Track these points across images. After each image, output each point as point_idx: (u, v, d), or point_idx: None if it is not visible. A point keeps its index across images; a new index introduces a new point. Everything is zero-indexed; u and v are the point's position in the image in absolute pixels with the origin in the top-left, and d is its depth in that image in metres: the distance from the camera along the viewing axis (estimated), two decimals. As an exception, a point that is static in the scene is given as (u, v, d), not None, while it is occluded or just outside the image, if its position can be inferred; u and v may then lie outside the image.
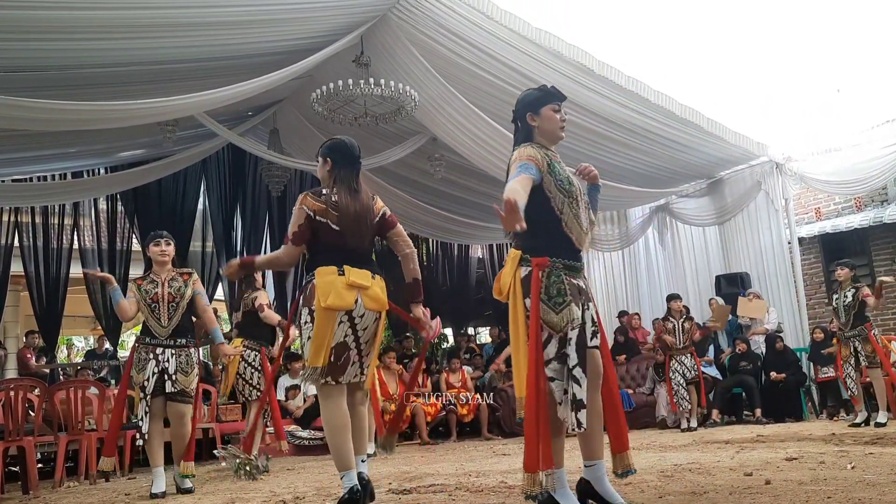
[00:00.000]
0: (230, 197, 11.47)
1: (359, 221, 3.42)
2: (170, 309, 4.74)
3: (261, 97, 8.05)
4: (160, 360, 4.68)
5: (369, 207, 3.49)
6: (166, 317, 4.73)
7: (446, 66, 7.30)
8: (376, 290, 3.40)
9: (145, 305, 4.73)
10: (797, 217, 10.73)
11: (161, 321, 4.72)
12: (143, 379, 4.65)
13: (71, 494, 5.16)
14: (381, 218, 3.53)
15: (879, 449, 4.82)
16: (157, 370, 4.66)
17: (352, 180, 3.51)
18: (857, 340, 7.06)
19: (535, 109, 3.08)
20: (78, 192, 9.65)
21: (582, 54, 7.32)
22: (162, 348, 4.70)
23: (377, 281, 3.43)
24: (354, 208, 3.42)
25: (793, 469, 4.00)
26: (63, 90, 6.48)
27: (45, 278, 10.04)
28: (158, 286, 4.76)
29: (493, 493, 3.74)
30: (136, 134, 8.40)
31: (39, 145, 8.23)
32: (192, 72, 7.14)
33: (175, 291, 4.77)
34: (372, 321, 3.41)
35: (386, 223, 3.54)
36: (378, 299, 3.40)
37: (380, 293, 3.42)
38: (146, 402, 4.65)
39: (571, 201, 2.96)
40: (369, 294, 3.37)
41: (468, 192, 10.48)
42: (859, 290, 7.06)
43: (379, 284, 3.43)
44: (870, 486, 3.21)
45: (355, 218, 3.41)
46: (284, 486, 4.79)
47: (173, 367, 4.70)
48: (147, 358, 4.68)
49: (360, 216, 3.43)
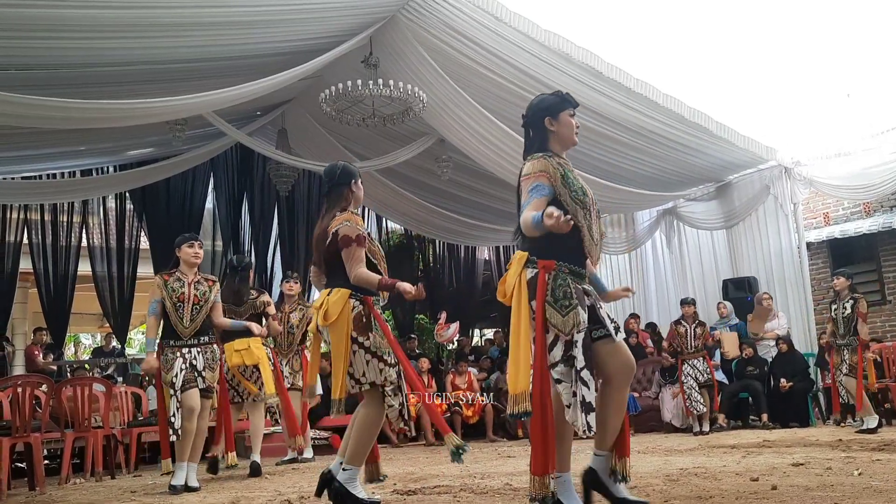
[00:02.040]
0: (238, 196, 11.50)
1: (317, 246, 3.63)
2: (193, 311, 4.83)
3: (269, 97, 8.07)
4: (187, 358, 4.78)
5: (323, 230, 3.59)
6: (189, 317, 4.81)
7: (455, 67, 7.30)
8: (324, 308, 3.46)
9: (171, 303, 4.79)
10: (805, 222, 10.68)
11: (183, 321, 4.80)
12: (172, 376, 4.71)
13: (77, 491, 5.18)
14: (331, 238, 3.53)
15: (887, 455, 4.79)
16: (186, 366, 4.75)
17: (326, 204, 3.71)
18: (847, 350, 7.17)
19: (553, 114, 3.07)
20: (87, 190, 9.69)
21: (591, 56, 7.31)
22: (188, 348, 4.81)
23: (332, 295, 3.46)
24: (317, 233, 3.65)
25: (799, 474, 3.98)
26: (73, 88, 6.51)
27: (54, 275, 10.09)
28: (185, 286, 4.85)
29: (498, 495, 3.73)
30: (145, 133, 8.43)
31: (49, 143, 8.27)
32: (201, 71, 7.16)
33: (200, 295, 4.87)
34: (328, 334, 3.51)
35: (336, 243, 3.50)
36: (321, 315, 3.47)
37: (325, 309, 3.44)
38: (177, 398, 4.69)
39: (585, 212, 2.97)
40: (319, 312, 3.50)
41: (475, 193, 10.48)
42: (857, 303, 7.16)
43: (332, 299, 3.44)
44: (877, 493, 3.19)
45: (316, 242, 3.65)
46: (289, 485, 4.80)
47: (202, 363, 4.83)
48: (174, 357, 4.76)
49: (317, 241, 3.63)
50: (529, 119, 3.12)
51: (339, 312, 3.41)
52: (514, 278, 2.93)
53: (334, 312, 3.41)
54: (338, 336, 3.43)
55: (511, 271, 2.97)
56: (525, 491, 3.78)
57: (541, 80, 7.32)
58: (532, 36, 7.01)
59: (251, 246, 11.66)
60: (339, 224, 3.51)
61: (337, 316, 3.41)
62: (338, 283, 3.50)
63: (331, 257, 3.54)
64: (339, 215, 3.57)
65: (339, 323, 3.42)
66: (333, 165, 3.78)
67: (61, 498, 4.77)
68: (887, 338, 9.70)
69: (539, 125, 3.08)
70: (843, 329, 7.18)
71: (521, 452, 6.78)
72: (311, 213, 11.97)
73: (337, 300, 3.43)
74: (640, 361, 9.92)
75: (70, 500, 4.57)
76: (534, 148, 3.07)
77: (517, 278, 2.92)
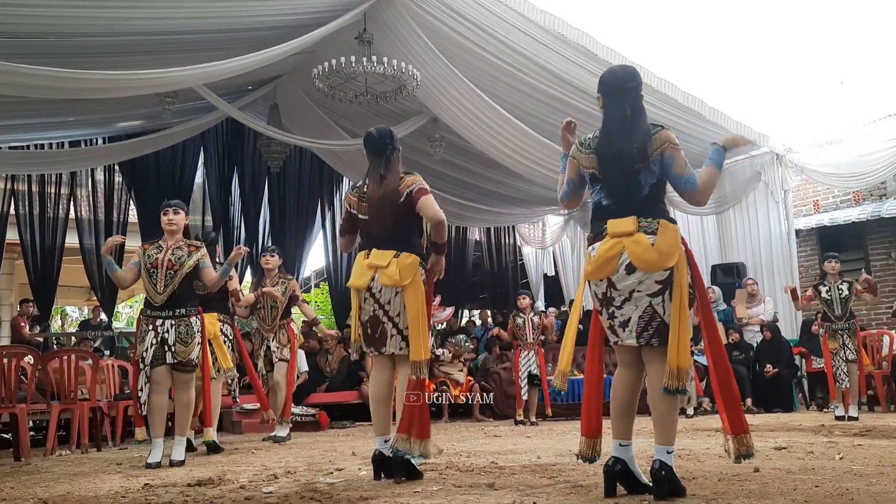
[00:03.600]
0: (228, 171, 11.42)
1: (381, 206, 3.65)
2: (167, 276, 4.67)
3: (261, 71, 8.00)
4: (159, 331, 4.66)
5: (393, 190, 3.65)
6: (162, 283, 4.66)
7: (449, 46, 7.25)
8: (392, 268, 3.56)
9: (145, 270, 4.70)
10: (795, 209, 10.73)
11: (157, 287, 4.67)
12: (143, 350, 4.64)
13: (63, 462, 5.18)
14: (406, 197, 3.63)
15: (868, 441, 4.85)
16: (157, 341, 4.64)
17: (380, 167, 3.76)
18: (845, 334, 7.05)
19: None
20: (75, 162, 9.59)
21: (586, 38, 7.27)
22: (161, 319, 4.68)
23: (400, 259, 3.58)
24: (378, 194, 3.68)
25: (781, 458, 4.03)
26: (62, 58, 6.42)
27: (41, 247, 10.00)
28: (161, 252, 4.73)
29: (484, 472, 3.76)
30: (135, 105, 8.33)
31: (37, 113, 8.17)
32: (192, 43, 7.07)
33: (175, 259, 4.71)
34: (393, 296, 3.61)
35: (412, 201, 3.63)
36: (392, 276, 3.56)
37: (395, 271, 3.56)
38: (145, 372, 4.63)
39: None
40: (385, 272, 3.57)
41: (467, 174, 10.45)
42: (853, 284, 7.04)
43: (401, 262, 3.57)
44: (857, 477, 3.24)
45: (378, 204, 3.66)
46: (275, 460, 4.81)
47: (172, 337, 4.68)
48: (147, 329, 4.67)
49: (382, 201, 3.66)
50: (635, 89, 3.09)
51: (412, 276, 3.57)
52: (678, 248, 2.84)
53: (408, 276, 3.56)
54: (415, 297, 3.56)
55: (670, 240, 2.83)
56: (511, 470, 3.82)
57: (536, 60, 7.29)
58: (527, 16, 6.97)
59: (241, 221, 11.60)
60: (413, 184, 3.65)
61: (411, 280, 3.55)
62: (407, 248, 3.62)
63: (401, 218, 3.65)
64: (407, 177, 3.70)
65: (417, 287, 3.58)
66: (384, 129, 3.92)
67: (47, 469, 4.77)
68: (872, 325, 9.79)
69: (640, 97, 3.09)
70: (840, 311, 7.00)
71: (507, 432, 6.83)
72: (301, 189, 11.92)
73: (410, 264, 3.58)
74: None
75: (56, 472, 4.57)
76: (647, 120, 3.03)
77: (679, 252, 2.84)
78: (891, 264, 10.65)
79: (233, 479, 3.79)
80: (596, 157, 3.00)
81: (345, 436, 7.13)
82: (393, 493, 3.15)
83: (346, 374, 9.62)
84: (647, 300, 2.84)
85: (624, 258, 2.85)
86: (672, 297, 2.81)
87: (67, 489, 3.67)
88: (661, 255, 2.80)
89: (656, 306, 2.83)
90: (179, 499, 3.20)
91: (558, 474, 3.59)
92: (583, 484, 3.22)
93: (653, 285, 2.83)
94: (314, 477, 3.80)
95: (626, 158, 2.90)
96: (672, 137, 2.94)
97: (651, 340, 2.86)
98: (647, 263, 2.81)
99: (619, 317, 2.91)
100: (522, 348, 8.15)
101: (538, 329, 8.21)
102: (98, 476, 4.24)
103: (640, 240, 2.82)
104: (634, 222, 2.85)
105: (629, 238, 2.84)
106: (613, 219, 2.90)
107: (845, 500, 2.70)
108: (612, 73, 3.16)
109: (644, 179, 2.88)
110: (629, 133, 2.94)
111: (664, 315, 2.83)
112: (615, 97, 3.06)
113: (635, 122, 2.97)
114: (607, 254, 2.88)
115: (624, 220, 2.87)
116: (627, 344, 2.92)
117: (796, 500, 2.72)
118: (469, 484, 3.33)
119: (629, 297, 2.87)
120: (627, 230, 2.85)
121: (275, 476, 3.87)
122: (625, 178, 2.91)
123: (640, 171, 2.87)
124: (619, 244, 2.86)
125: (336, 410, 8.82)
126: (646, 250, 2.80)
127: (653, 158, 2.89)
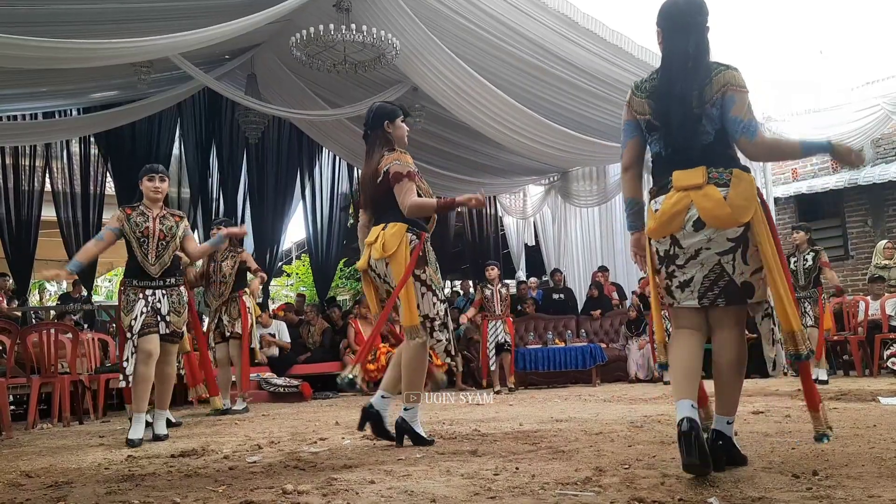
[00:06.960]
0: (206, 143, 11.29)
1: (366, 185, 3.75)
2: (159, 246, 4.56)
3: (238, 40, 7.86)
4: (150, 301, 4.54)
5: (374, 169, 3.69)
6: (154, 254, 4.55)
7: (429, 13, 7.16)
8: (378, 242, 3.58)
9: (134, 238, 4.53)
10: (773, 177, 10.80)
11: (149, 258, 4.53)
12: (131, 319, 4.47)
13: (45, 436, 5.16)
14: (384, 175, 3.64)
15: (843, 404, 4.95)
16: (147, 310, 4.51)
17: (368, 146, 3.81)
18: (808, 302, 7.22)
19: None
20: (49, 133, 9.40)
21: (566, 5, 7.20)
22: (152, 290, 4.56)
23: (388, 229, 3.58)
24: (366, 173, 3.77)
25: (759, 422, 4.10)
26: (33, 26, 6.28)
27: (17, 221, 9.89)
28: (149, 220, 4.58)
29: (467, 440, 3.79)
30: (109, 75, 8.19)
31: (8, 83, 7.99)
32: (167, 12, 6.93)
33: (167, 230, 4.60)
34: (384, 267, 3.62)
35: (388, 181, 3.62)
36: (377, 249, 3.58)
37: (381, 242, 3.57)
38: (133, 342, 4.47)
39: None
40: (374, 246, 3.61)
41: (448, 144, 10.40)
42: (818, 255, 7.24)
43: (386, 233, 3.57)
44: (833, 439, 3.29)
45: (364, 182, 3.76)
46: (259, 430, 4.83)
47: (166, 307, 4.58)
48: (136, 299, 4.52)
49: (365, 180, 3.76)
50: (704, 19, 2.78)
51: (397, 245, 3.53)
52: (753, 202, 2.56)
53: (392, 245, 3.54)
54: (398, 267, 3.53)
55: (747, 191, 2.55)
56: (493, 437, 3.86)
57: (516, 28, 7.22)
58: (506, -18, 6.89)
59: (219, 193, 11.50)
60: (390, 163, 3.62)
61: (396, 248, 3.53)
62: (392, 219, 3.60)
63: (382, 196, 3.65)
64: (388, 154, 3.68)
65: (399, 255, 3.53)
66: (368, 109, 3.89)
67: (28, 442, 4.75)
68: (849, 292, 9.94)
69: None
70: (803, 280, 7.22)
71: (489, 401, 6.88)
72: (280, 160, 11.82)
73: (395, 233, 3.55)
74: (608, 314, 10.09)
75: (38, 445, 4.55)
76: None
77: (756, 205, 2.57)
78: (867, 231, 10.80)
79: (216, 450, 3.79)
80: (652, 101, 2.72)
81: (328, 406, 7.16)
82: (377, 460, 3.17)
83: (329, 345, 9.65)
84: (716, 259, 2.58)
85: (692, 213, 2.56)
86: (749, 257, 2.56)
87: (50, 462, 3.66)
88: (735, 210, 2.51)
89: (725, 265, 2.57)
90: (164, 469, 3.20)
91: (540, 440, 3.63)
92: (564, 449, 3.26)
93: (724, 243, 2.56)
94: (298, 447, 3.81)
95: (685, 102, 2.62)
96: (738, 78, 2.63)
97: (717, 300, 2.61)
98: (719, 220, 2.53)
99: (678, 276, 2.65)
100: (490, 318, 8.26)
101: (506, 300, 8.34)
102: (81, 449, 4.23)
103: (711, 193, 2.53)
104: (703, 173, 2.56)
105: (698, 192, 2.55)
106: (679, 170, 2.61)
107: (821, 460, 2.76)
108: (674, 3, 2.75)
109: (707, 125, 2.60)
110: (690, 74, 2.64)
111: (733, 274, 2.57)
112: (677, 32, 2.71)
113: (698, 61, 2.66)
114: (672, 209, 2.59)
115: (691, 171, 2.58)
116: (686, 305, 2.66)
117: (773, 461, 2.77)
118: (452, 451, 3.36)
119: (695, 255, 2.60)
120: (696, 182, 2.56)
121: (259, 446, 3.88)
122: (686, 124, 2.61)
123: (700, 116, 2.59)
124: (685, 198, 2.57)
125: (318, 381, 8.84)
126: (717, 205, 2.52)
127: (713, 101, 2.60)
